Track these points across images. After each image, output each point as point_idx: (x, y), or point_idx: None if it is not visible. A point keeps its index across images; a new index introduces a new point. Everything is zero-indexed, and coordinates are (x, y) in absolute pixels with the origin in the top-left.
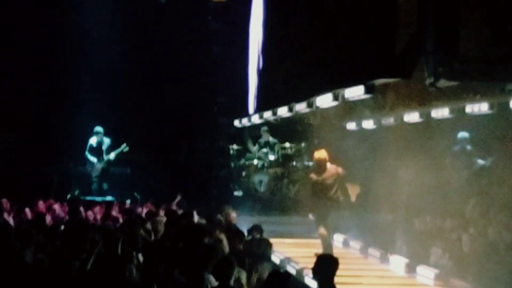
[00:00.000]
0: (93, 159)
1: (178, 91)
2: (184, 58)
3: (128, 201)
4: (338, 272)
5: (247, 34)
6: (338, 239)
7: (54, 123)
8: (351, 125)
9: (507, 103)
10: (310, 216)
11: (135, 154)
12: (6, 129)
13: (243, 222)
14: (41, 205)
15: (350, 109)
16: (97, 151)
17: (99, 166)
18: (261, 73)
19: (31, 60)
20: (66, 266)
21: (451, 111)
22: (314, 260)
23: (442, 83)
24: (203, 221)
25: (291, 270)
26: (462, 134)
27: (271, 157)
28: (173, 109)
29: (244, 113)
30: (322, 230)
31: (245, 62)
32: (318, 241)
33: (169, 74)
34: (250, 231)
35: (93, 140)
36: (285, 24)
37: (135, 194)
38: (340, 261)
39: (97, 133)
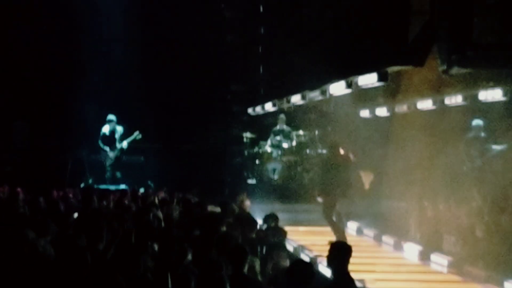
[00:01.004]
0: (106, 147)
1: (191, 79)
2: (197, 46)
3: (141, 190)
4: (352, 260)
5: (260, 22)
6: (351, 226)
7: (68, 112)
8: (364, 113)
9: None
10: (318, 199)
11: (149, 142)
12: (19, 118)
13: (257, 210)
14: (55, 194)
15: (363, 96)
16: (110, 139)
17: (112, 154)
18: (274, 61)
19: (44, 48)
20: (81, 256)
21: (464, 98)
22: (328, 248)
23: (455, 70)
24: (217, 209)
25: (305, 258)
26: (477, 122)
27: (285, 145)
28: (187, 97)
29: (258, 101)
30: (328, 216)
31: (258, 50)
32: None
33: (183, 62)
34: (265, 219)
35: (106, 129)
36: (298, 11)
37: (149, 182)
38: (353, 248)
39: (110, 122)
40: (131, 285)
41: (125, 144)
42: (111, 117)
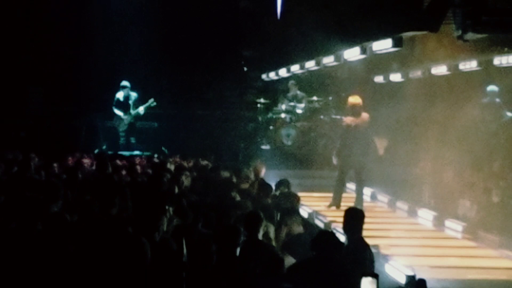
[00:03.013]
0: (120, 113)
1: (205, 45)
2: (211, 12)
3: (155, 155)
4: (366, 226)
5: None
6: (366, 192)
7: (81, 77)
8: (378, 78)
9: None
10: (334, 161)
11: (162, 108)
12: (32, 83)
13: (271, 176)
14: (70, 160)
15: (377, 62)
16: (124, 105)
17: (126, 120)
18: (289, 26)
19: (57, 14)
20: (96, 221)
21: (479, 64)
22: (341, 213)
23: (470, 35)
24: (231, 175)
25: (319, 223)
26: (492, 87)
27: (299, 111)
28: (201, 63)
29: (272, 66)
30: (339, 180)
31: (273, 15)
32: (346, 194)
33: (197, 28)
34: (278, 185)
35: (120, 95)
36: None
37: (163, 148)
38: (368, 214)
39: (123, 87)
40: (151, 248)
41: (141, 109)
42: (125, 83)
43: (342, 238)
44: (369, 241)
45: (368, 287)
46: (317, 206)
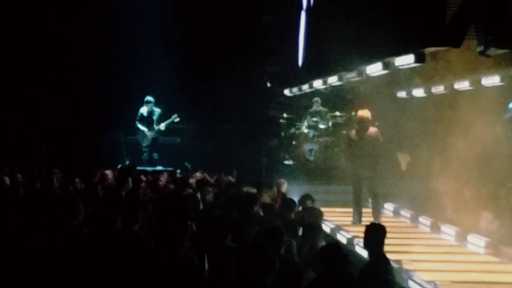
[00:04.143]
0: (144, 128)
1: (228, 60)
2: (235, 26)
3: (178, 171)
4: (388, 241)
5: (298, 3)
6: (388, 207)
7: (105, 93)
8: (401, 94)
9: None
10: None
11: (185, 123)
12: (57, 98)
13: (294, 191)
14: (93, 174)
15: (400, 77)
16: (147, 120)
17: (149, 135)
18: (310, 42)
19: (82, 30)
20: (118, 236)
21: (502, 79)
22: (363, 229)
23: (492, 51)
24: (254, 190)
25: (342, 239)
26: None
27: (322, 126)
28: (223, 78)
29: (294, 82)
30: (354, 196)
31: (296, 30)
32: (369, 209)
33: (220, 42)
34: (301, 200)
35: (143, 110)
36: None
37: (186, 163)
38: (390, 229)
39: (148, 103)
40: (173, 264)
41: (162, 126)
42: (149, 98)
43: (365, 253)
44: (391, 256)
45: None
46: (340, 221)
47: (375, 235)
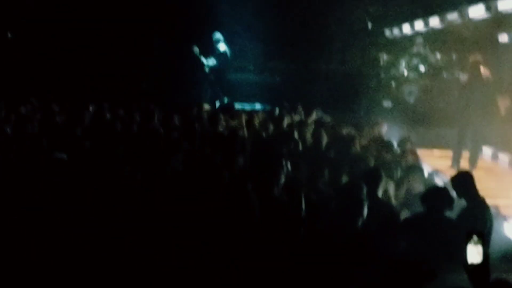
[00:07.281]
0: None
1: (329, 1)
2: None
3: (277, 109)
4: (486, 185)
5: None
6: (486, 152)
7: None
8: (503, 38)
9: None
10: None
11: (285, 63)
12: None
13: (392, 133)
14: (191, 111)
15: (503, 21)
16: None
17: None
18: None
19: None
20: (217, 174)
21: None
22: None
23: None
24: (352, 131)
25: (439, 182)
26: None
27: (422, 68)
28: (324, 19)
29: (396, 22)
30: (458, 141)
31: None
32: (467, 153)
33: None
34: (400, 142)
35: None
36: None
37: (284, 102)
38: (488, 173)
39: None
40: (266, 203)
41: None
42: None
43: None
44: (488, 201)
45: (473, 246)
46: (438, 165)
47: (463, 183)
